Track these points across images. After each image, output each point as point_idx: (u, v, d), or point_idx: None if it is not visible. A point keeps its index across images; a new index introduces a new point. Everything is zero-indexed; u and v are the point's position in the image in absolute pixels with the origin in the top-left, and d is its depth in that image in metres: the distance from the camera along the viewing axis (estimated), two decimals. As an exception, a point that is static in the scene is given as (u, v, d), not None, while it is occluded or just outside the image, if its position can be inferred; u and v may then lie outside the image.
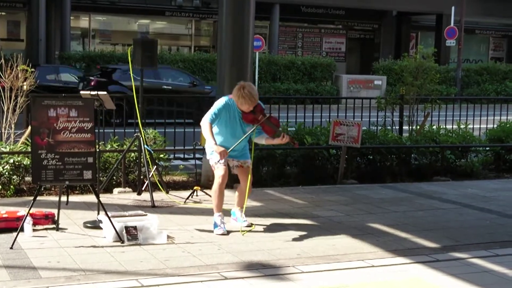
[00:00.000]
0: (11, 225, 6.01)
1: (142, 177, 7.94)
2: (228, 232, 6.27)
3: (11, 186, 7.93)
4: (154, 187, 7.66)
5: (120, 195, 7.93)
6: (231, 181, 7.41)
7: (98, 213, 6.29)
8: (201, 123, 6.33)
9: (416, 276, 5.22)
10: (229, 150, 6.30)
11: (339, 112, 10.78)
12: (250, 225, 6.52)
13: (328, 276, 5.13)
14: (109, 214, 5.92)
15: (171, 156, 9.40)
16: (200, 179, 8.66)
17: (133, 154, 8.38)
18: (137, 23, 31.36)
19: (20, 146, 8.33)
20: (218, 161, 6.30)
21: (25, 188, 8.12)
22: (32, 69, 9.15)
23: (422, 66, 10.92)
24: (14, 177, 7.99)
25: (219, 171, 6.33)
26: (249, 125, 6.40)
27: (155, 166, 7.86)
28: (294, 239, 6.14)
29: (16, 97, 8.79)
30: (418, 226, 6.75)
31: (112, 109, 7.46)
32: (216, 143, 6.22)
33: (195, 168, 8.77)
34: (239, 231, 6.34)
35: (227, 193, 6.84)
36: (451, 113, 11.61)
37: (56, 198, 6.54)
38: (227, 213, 6.69)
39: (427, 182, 9.52)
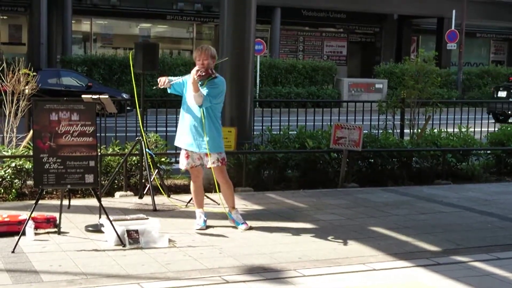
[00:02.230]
0: (13, 229, 6.02)
1: (143, 180, 7.94)
2: (207, 227, 6.54)
3: (13, 190, 7.94)
4: (155, 190, 7.66)
5: (122, 199, 7.94)
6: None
7: (100, 217, 6.30)
8: None
9: (417, 279, 5.23)
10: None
11: (340, 116, 10.80)
12: (250, 228, 6.54)
13: (329, 280, 5.13)
14: (111, 217, 5.93)
15: (173, 159, 9.40)
16: (201, 183, 8.67)
17: (134, 157, 8.39)
18: (139, 27, 31.39)
19: (22, 150, 8.34)
20: (181, 162, 6.66)
21: (27, 192, 8.14)
22: (34, 73, 9.17)
23: (423, 69, 10.92)
24: (16, 181, 8.00)
25: (191, 174, 6.73)
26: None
27: (157, 170, 7.87)
28: (295, 243, 6.14)
29: (18, 101, 8.80)
30: (419, 230, 6.76)
31: (113, 112, 7.46)
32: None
33: (196, 172, 8.77)
34: (237, 229, 6.45)
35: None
36: (452, 117, 11.61)
37: (57, 202, 6.56)
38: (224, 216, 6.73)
39: (428, 185, 9.52)
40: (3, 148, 8.32)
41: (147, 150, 7.67)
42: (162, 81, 6.51)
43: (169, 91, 6.68)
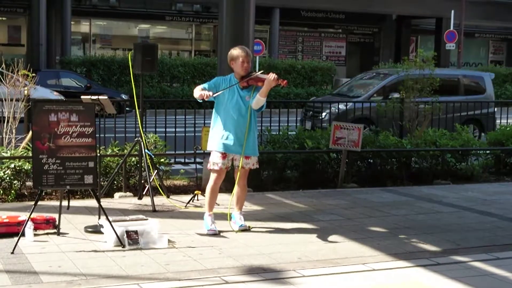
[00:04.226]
0: (12, 230, 6.02)
1: (143, 181, 7.95)
2: (220, 232, 6.38)
3: (12, 191, 7.93)
4: (155, 191, 7.66)
5: (121, 200, 7.94)
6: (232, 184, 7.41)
7: (99, 218, 6.30)
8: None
9: (417, 279, 5.23)
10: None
11: (340, 116, 10.80)
12: (248, 228, 6.54)
13: (328, 280, 5.13)
14: (110, 218, 5.93)
15: (172, 160, 9.40)
16: (201, 183, 8.66)
17: (133, 158, 8.39)
18: (138, 28, 31.41)
19: (21, 151, 8.34)
20: (214, 163, 6.41)
21: (26, 193, 8.13)
22: (33, 74, 9.17)
23: (422, 69, 10.92)
24: (15, 182, 8.00)
25: (214, 171, 6.45)
26: (248, 102, 6.42)
27: (156, 171, 7.87)
28: (295, 243, 6.14)
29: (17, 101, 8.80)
30: (419, 230, 6.76)
31: (113, 113, 7.46)
32: (204, 88, 6.34)
33: (195, 173, 8.78)
34: (236, 231, 6.43)
35: (227, 196, 6.86)
36: (452, 116, 11.61)
37: (57, 203, 6.56)
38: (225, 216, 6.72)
39: (427, 185, 9.52)
40: (2, 149, 8.32)
41: (146, 151, 7.67)
42: (206, 94, 6.24)
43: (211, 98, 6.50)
